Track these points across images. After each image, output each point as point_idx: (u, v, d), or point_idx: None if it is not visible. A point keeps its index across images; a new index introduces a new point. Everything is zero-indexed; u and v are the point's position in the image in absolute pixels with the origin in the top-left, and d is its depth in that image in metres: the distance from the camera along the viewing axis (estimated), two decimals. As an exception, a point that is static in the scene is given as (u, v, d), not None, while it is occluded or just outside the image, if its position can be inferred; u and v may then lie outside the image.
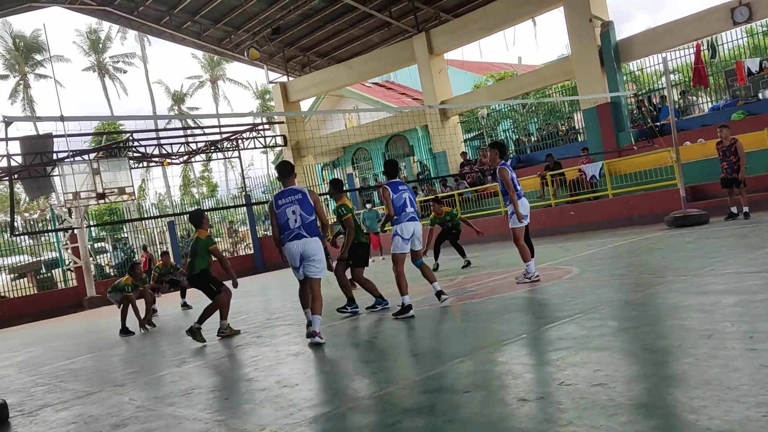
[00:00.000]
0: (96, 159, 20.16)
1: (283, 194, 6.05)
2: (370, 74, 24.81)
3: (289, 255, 5.97)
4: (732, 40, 17.34)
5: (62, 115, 7.27)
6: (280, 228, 5.99)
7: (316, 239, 5.94)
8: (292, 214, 5.91)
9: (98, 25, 44.87)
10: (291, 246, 5.90)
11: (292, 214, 5.91)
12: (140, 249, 21.42)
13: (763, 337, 3.59)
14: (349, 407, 3.66)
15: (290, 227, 5.91)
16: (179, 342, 7.79)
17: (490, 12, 19.68)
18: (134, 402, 4.80)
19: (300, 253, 5.89)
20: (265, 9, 22.30)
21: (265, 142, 25.55)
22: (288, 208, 5.94)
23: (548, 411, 3.01)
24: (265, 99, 51.02)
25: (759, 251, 6.97)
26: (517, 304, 6.43)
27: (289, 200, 5.97)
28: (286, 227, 5.94)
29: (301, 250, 5.88)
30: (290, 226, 5.90)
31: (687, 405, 2.79)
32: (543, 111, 23.09)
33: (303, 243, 5.87)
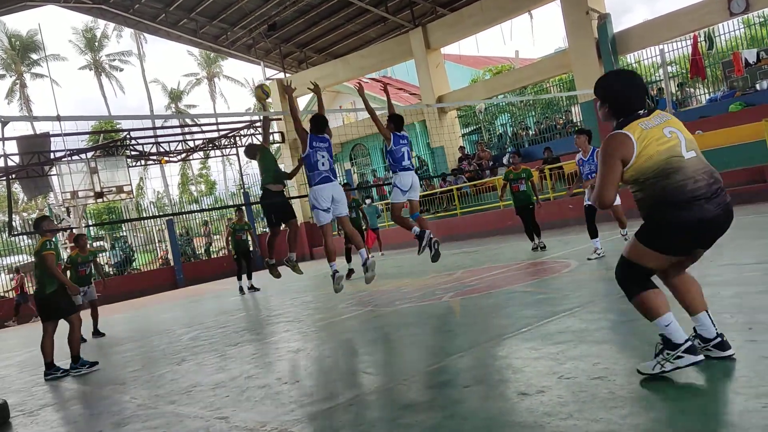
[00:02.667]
0: (93, 158, 20.12)
1: (316, 138, 6.63)
2: (367, 70, 24.75)
3: (320, 196, 6.48)
4: (729, 32, 17.32)
5: (59, 114, 7.26)
6: (308, 166, 6.54)
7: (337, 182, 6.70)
8: (322, 157, 6.51)
9: (94, 24, 44.64)
10: (323, 188, 6.49)
11: (321, 157, 6.51)
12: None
13: (762, 328, 3.60)
14: (350, 403, 3.66)
15: (318, 169, 6.49)
16: (178, 340, 7.80)
17: (487, 6, 19.63)
18: (135, 400, 4.80)
19: (332, 195, 6.53)
20: (261, 5, 22.23)
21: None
22: (319, 152, 6.53)
23: (548, 404, 3.02)
24: (262, 96, 50.87)
25: (757, 242, 6.98)
26: (517, 298, 6.44)
27: (320, 145, 6.57)
28: (314, 167, 6.51)
29: (333, 192, 6.54)
30: (318, 168, 6.49)
31: (687, 397, 2.79)
32: (541, 105, 23.07)
33: (332, 186, 6.55)
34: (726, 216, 2.90)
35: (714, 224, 2.89)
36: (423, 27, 21.41)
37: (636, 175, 2.96)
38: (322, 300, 9.43)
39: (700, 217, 2.84)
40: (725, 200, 2.90)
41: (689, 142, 2.96)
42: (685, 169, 2.87)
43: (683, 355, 2.90)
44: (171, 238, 23.03)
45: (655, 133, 2.95)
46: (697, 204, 2.84)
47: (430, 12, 21.78)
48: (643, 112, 3.07)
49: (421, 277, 9.23)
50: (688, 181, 2.85)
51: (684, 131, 3.01)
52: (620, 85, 3.15)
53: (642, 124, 2.99)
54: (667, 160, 2.89)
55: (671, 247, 2.95)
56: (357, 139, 27.10)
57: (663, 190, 2.89)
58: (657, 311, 2.96)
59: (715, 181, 2.89)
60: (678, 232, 2.89)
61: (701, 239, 2.95)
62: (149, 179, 42.62)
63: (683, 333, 2.96)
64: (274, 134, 25.58)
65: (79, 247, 9.75)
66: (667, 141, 2.93)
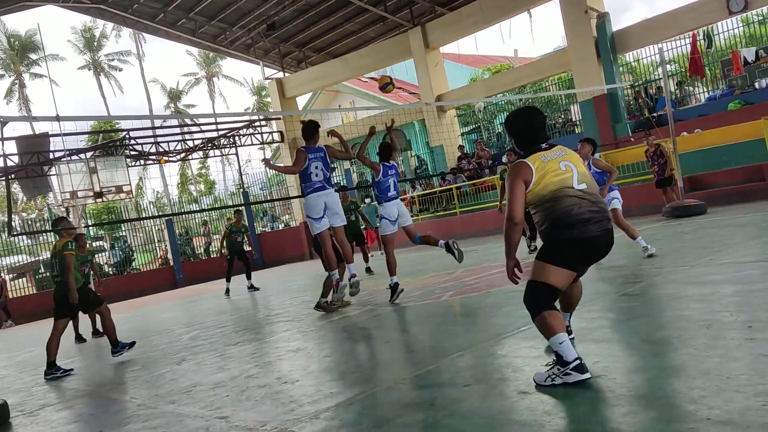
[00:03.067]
0: (93, 158, 20.12)
1: (310, 150, 6.78)
2: (366, 69, 24.75)
3: (312, 206, 6.63)
4: (728, 30, 17.32)
5: (58, 114, 7.25)
6: (303, 177, 6.71)
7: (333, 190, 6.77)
8: (315, 168, 6.63)
9: (93, 23, 44.64)
10: (316, 196, 6.64)
11: (315, 168, 6.63)
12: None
13: (762, 326, 3.60)
14: (350, 402, 3.66)
15: (311, 180, 6.64)
16: (178, 340, 7.80)
17: (486, 5, 19.62)
18: (135, 400, 4.80)
19: (324, 202, 6.60)
20: (259, 5, 22.23)
21: (262, 138, 25.51)
22: (313, 162, 6.66)
23: (549, 403, 3.02)
24: (262, 95, 50.93)
25: (757, 240, 6.98)
26: (516, 297, 6.42)
27: (315, 156, 6.71)
28: (308, 178, 6.66)
29: (326, 199, 6.61)
30: (312, 179, 6.64)
31: (687, 395, 2.80)
32: (540, 104, 23.06)
33: (326, 193, 6.63)
34: (605, 237, 3.41)
35: (594, 243, 3.39)
36: (422, 26, 21.40)
37: (534, 199, 3.47)
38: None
39: (584, 236, 3.35)
40: (606, 226, 3.41)
41: (581, 175, 3.48)
42: (573, 197, 3.39)
43: (571, 372, 3.20)
44: (170, 237, 23.04)
45: (552, 165, 3.46)
46: (580, 225, 3.35)
47: (429, 11, 21.77)
48: (546, 146, 3.57)
49: (421, 276, 9.23)
50: (574, 206, 3.37)
51: (579, 166, 3.52)
52: (523, 123, 3.68)
53: (542, 157, 3.50)
54: (560, 189, 3.40)
55: (565, 260, 3.41)
56: (356, 138, 27.06)
57: (555, 212, 3.40)
58: (554, 330, 3.29)
59: (598, 210, 3.42)
60: (568, 247, 3.40)
61: (586, 254, 3.45)
62: (148, 179, 42.65)
63: (574, 352, 3.25)
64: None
65: (79, 246, 9.72)
66: (561, 173, 3.44)
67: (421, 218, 19.56)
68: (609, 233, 3.43)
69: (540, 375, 3.34)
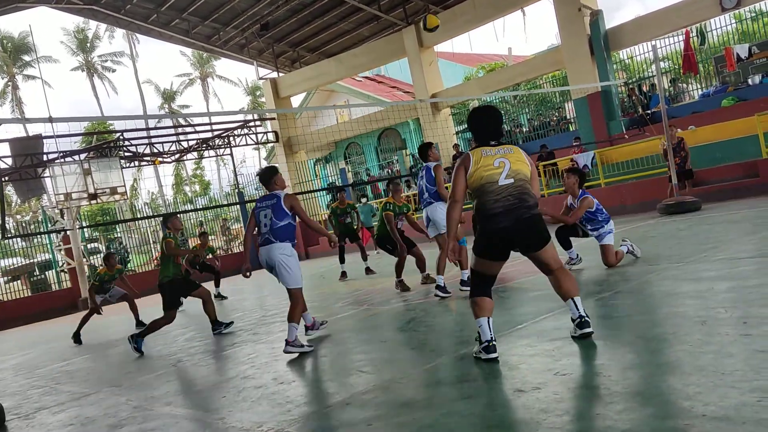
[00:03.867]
0: (87, 159, 20.03)
1: (261, 199, 5.80)
2: (361, 68, 24.75)
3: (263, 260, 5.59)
4: (720, 27, 17.40)
5: (51, 116, 7.22)
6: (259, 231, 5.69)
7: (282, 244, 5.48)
8: (264, 217, 5.59)
9: (86, 24, 44.55)
10: (260, 252, 5.56)
11: (264, 217, 5.60)
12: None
13: (757, 322, 3.61)
14: (347, 402, 3.66)
15: (261, 232, 5.62)
16: (174, 341, 7.78)
17: (479, 3, 19.64)
18: (131, 402, 4.79)
19: (265, 260, 5.50)
20: (253, 5, 22.18)
21: (256, 138, 25.47)
22: (261, 212, 5.63)
23: (545, 401, 3.02)
24: (256, 95, 50.86)
25: (751, 237, 7.00)
26: (512, 295, 6.45)
27: (264, 204, 5.66)
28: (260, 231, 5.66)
29: (266, 256, 5.49)
30: (261, 231, 5.62)
31: (682, 392, 2.80)
32: (534, 101, 23.10)
33: (268, 249, 5.48)
34: (518, 226, 3.79)
35: (504, 233, 3.79)
36: (416, 25, 21.40)
37: (469, 185, 3.92)
38: (317, 299, 9.43)
39: (495, 228, 3.80)
40: (521, 215, 3.78)
41: (512, 171, 3.84)
42: (491, 192, 3.81)
43: (482, 351, 3.87)
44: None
45: (488, 161, 3.86)
46: (493, 218, 3.80)
47: (423, 10, 21.76)
48: (494, 143, 3.95)
49: (417, 275, 9.18)
50: (490, 200, 3.81)
51: (515, 163, 3.87)
52: (478, 121, 4.07)
53: (484, 152, 3.91)
54: (485, 184, 3.84)
55: (481, 250, 3.89)
56: (351, 137, 27.11)
57: (478, 205, 3.89)
58: (476, 314, 3.90)
59: (516, 202, 3.80)
60: (483, 238, 3.87)
61: (500, 244, 3.85)
62: (143, 180, 42.57)
63: (489, 335, 3.85)
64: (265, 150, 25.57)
65: (108, 266, 10.12)
66: (492, 169, 3.84)
67: (417, 217, 19.53)
68: (524, 222, 3.80)
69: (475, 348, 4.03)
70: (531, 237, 3.86)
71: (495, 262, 3.91)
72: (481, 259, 3.91)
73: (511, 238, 3.82)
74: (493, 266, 3.93)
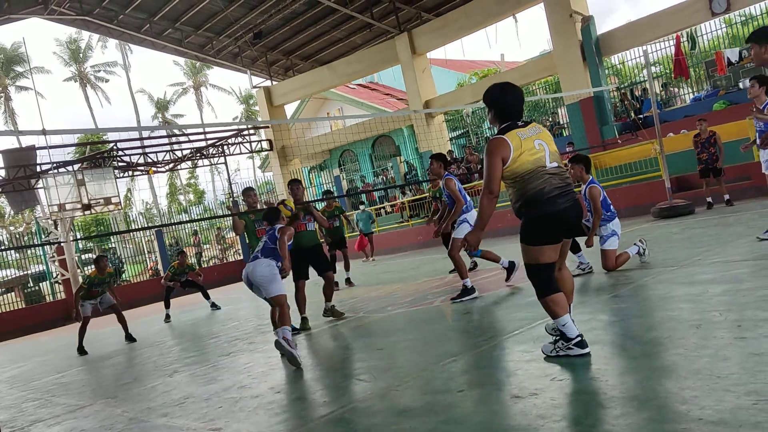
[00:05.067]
0: (80, 170, 19.99)
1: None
2: (354, 76, 24.80)
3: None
4: (711, 31, 17.52)
5: (44, 128, 7.21)
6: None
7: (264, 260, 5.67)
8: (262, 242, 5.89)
9: (78, 35, 44.57)
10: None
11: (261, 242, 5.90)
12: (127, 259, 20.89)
13: (751, 325, 3.63)
14: (344, 411, 3.65)
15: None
16: (169, 352, 7.75)
17: (471, 10, 19.73)
18: (127, 414, 4.77)
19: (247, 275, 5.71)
20: (246, 14, 22.23)
21: (251, 147, 25.46)
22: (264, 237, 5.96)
23: (542, 407, 3.03)
24: (249, 104, 50.92)
25: (744, 239, 7.04)
26: (507, 300, 6.45)
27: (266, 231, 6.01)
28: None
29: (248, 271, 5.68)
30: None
31: (678, 396, 2.81)
32: (527, 107, 23.19)
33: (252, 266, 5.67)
34: (573, 209, 3.67)
35: (564, 215, 3.62)
36: (408, 32, 21.48)
37: (509, 176, 3.67)
38: (312, 308, 9.39)
39: (555, 210, 3.60)
40: (573, 198, 3.67)
41: (552, 154, 3.68)
42: (545, 175, 3.62)
43: (573, 347, 3.69)
44: (160, 248, 22.91)
45: (528, 144, 3.63)
46: (551, 201, 3.59)
47: (416, 17, 21.86)
48: (521, 123, 3.72)
49: (413, 281, 9.24)
50: (546, 185, 3.60)
51: (550, 144, 3.71)
52: (502, 97, 3.78)
53: (519, 134, 3.65)
54: (534, 169, 3.61)
55: (542, 237, 3.65)
56: (345, 145, 27.14)
57: (528, 191, 3.62)
58: (556, 314, 3.68)
59: (566, 185, 3.67)
60: (542, 223, 3.64)
61: (559, 227, 3.66)
62: (137, 190, 42.48)
63: (576, 330, 3.70)
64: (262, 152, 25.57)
65: (99, 268, 9.99)
66: (536, 152, 3.63)
67: (412, 224, 19.57)
68: (576, 204, 3.70)
69: (546, 346, 3.84)
70: (579, 221, 3.79)
71: (554, 246, 3.69)
72: (540, 247, 3.65)
73: (570, 219, 3.67)
74: (553, 252, 3.70)
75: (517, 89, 3.83)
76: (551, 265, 3.71)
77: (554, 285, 3.70)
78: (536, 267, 3.69)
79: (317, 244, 7.49)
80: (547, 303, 3.67)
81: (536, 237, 3.65)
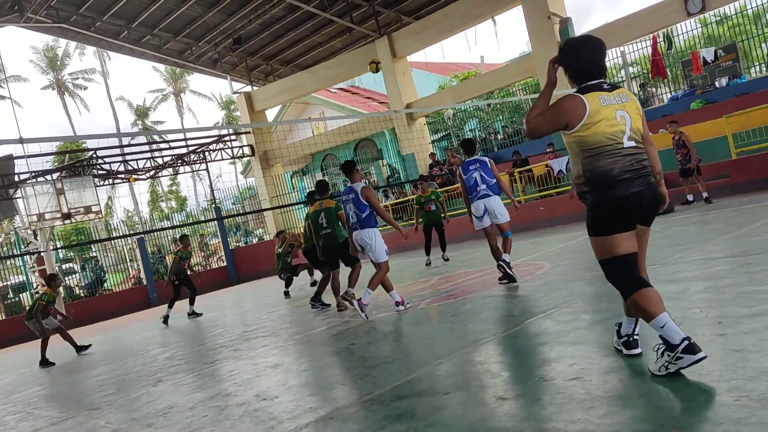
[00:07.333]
0: (59, 179, 19.77)
1: (344, 191, 7.17)
2: (335, 80, 24.78)
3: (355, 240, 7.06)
4: (687, 31, 17.77)
5: (21, 137, 7.12)
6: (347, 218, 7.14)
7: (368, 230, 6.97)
8: (350, 210, 7.02)
9: (55, 42, 44.08)
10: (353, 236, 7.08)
11: (349, 209, 7.03)
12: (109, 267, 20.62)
13: (732, 321, 3.67)
14: (330, 417, 3.64)
15: (350, 222, 7.07)
16: (154, 361, 7.68)
17: (451, 13, 19.81)
18: (111, 425, 4.71)
19: (358, 242, 7.01)
20: (225, 19, 22.13)
21: (232, 152, 25.34)
22: (346, 204, 7.07)
23: (527, 408, 3.04)
24: (230, 109, 50.67)
25: (723, 237, 7.13)
26: (493, 302, 6.48)
27: (345, 198, 7.09)
28: (347, 220, 7.12)
29: (358, 239, 6.99)
30: (350, 221, 7.07)
31: (662, 394, 2.84)
32: (508, 109, 23.33)
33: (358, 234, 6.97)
34: (648, 193, 3.08)
35: (637, 200, 3.05)
36: (388, 36, 21.52)
37: (575, 143, 3.11)
38: (298, 313, 9.37)
39: (625, 194, 3.03)
40: (648, 181, 3.10)
41: (633, 131, 3.09)
42: (616, 154, 3.05)
43: (682, 355, 2.89)
44: (143, 256, 22.69)
45: (609, 112, 3.06)
46: (621, 185, 3.03)
47: (395, 21, 21.90)
48: (607, 86, 3.14)
49: (398, 284, 9.18)
50: (616, 165, 3.04)
51: (635, 120, 3.12)
52: (576, 53, 3.22)
53: (602, 98, 3.09)
54: (607, 144, 3.05)
55: (614, 225, 3.08)
56: (328, 149, 27.09)
57: (595, 169, 3.07)
58: (651, 313, 2.97)
59: (641, 168, 3.09)
60: (611, 210, 3.07)
61: (631, 212, 3.08)
62: (118, 198, 42.07)
63: (680, 333, 2.93)
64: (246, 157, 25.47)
65: (54, 286, 10.32)
66: (615, 124, 3.06)
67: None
68: (651, 189, 3.11)
69: (654, 364, 3.08)
70: (655, 207, 3.19)
71: (627, 234, 3.10)
72: (613, 236, 3.08)
73: (643, 204, 3.09)
74: (630, 240, 3.11)
75: (596, 42, 3.22)
76: (631, 256, 3.10)
77: (640, 279, 3.10)
78: (613, 261, 3.09)
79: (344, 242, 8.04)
80: (636, 302, 3.03)
81: (605, 225, 3.09)
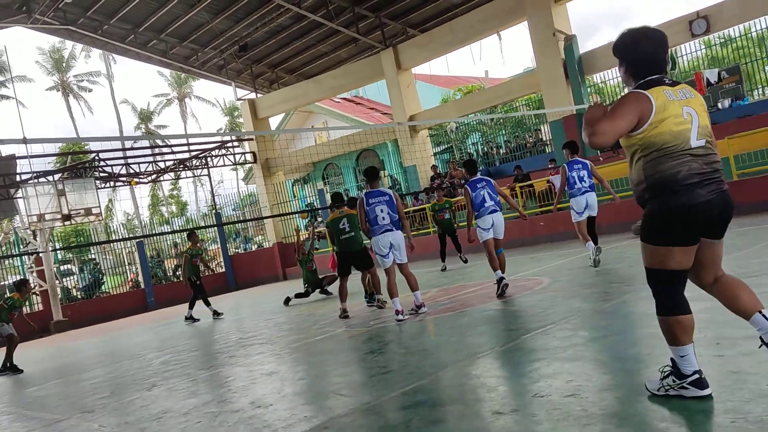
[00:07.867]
0: (61, 180, 19.79)
1: (372, 194, 7.39)
2: (339, 90, 24.88)
3: (381, 244, 7.30)
4: (691, 52, 17.84)
5: (25, 137, 7.14)
6: (369, 222, 7.36)
7: (400, 232, 7.39)
8: (381, 212, 7.27)
9: (61, 44, 44.24)
10: (383, 237, 7.29)
11: (380, 212, 7.27)
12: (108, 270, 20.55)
13: (729, 343, 3.67)
14: (325, 426, 3.63)
15: (379, 223, 7.28)
16: (149, 365, 7.66)
17: (457, 27, 19.93)
18: (104, 429, 4.69)
19: (390, 243, 7.29)
20: (231, 26, 22.26)
21: (234, 159, 25.38)
22: (377, 206, 7.30)
23: (523, 423, 3.03)
24: (234, 116, 50.80)
25: (724, 258, 7.11)
26: (490, 316, 6.47)
27: (377, 200, 7.33)
28: (375, 222, 7.30)
29: (391, 239, 7.29)
30: (379, 222, 7.28)
31: (658, 413, 2.83)
32: (511, 123, 23.40)
33: (391, 235, 7.28)
34: (719, 201, 2.77)
35: (707, 208, 2.75)
36: (394, 47, 21.62)
37: (639, 144, 2.84)
38: (295, 321, 9.36)
39: (693, 203, 2.73)
40: (720, 188, 2.79)
41: (702, 128, 2.83)
42: (684, 155, 2.77)
43: (689, 387, 2.87)
44: (141, 260, 22.68)
45: (675, 108, 2.79)
46: (687, 190, 2.74)
47: (401, 33, 22.02)
48: (669, 81, 2.88)
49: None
50: (683, 168, 2.74)
51: (702, 116, 2.86)
52: (634, 46, 2.93)
53: (667, 93, 2.81)
54: (674, 144, 2.77)
55: (673, 236, 2.80)
56: (329, 158, 27.14)
57: (658, 172, 2.79)
58: (677, 340, 2.86)
59: (712, 171, 2.80)
60: (674, 218, 2.78)
61: (698, 223, 2.78)
62: (119, 201, 42.09)
63: (695, 365, 2.86)
64: (245, 154, 25.51)
65: (23, 292, 10.39)
66: (683, 122, 2.79)
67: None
68: (724, 196, 2.80)
69: (653, 382, 3.03)
70: (727, 218, 2.86)
71: (686, 249, 2.82)
72: (668, 248, 2.82)
73: (713, 215, 2.79)
74: (686, 256, 2.84)
75: (656, 35, 2.92)
76: (683, 273, 2.88)
77: (682, 303, 2.90)
78: (661, 274, 2.88)
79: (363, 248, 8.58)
80: (669, 324, 2.87)
81: (662, 234, 2.82)
